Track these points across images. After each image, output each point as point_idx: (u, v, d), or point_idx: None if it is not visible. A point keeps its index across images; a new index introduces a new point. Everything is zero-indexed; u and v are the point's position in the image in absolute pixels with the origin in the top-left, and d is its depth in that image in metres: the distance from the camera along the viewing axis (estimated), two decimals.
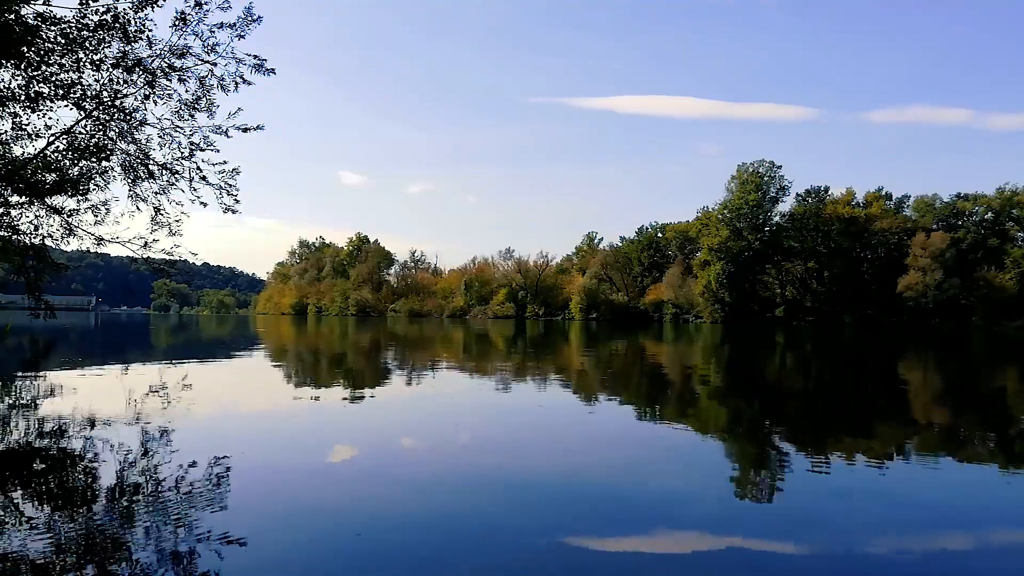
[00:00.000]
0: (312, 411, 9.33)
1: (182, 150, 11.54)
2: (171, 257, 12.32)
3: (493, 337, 36.23)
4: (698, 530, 4.32)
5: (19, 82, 10.28)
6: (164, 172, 11.75)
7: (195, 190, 11.74)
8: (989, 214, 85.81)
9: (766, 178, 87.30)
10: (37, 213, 11.69)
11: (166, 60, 10.89)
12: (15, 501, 4.58)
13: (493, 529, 4.30)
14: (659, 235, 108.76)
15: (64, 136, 11.12)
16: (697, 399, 11.23)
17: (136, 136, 11.53)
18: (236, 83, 11.21)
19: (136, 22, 10.37)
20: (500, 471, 5.87)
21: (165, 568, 3.49)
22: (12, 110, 10.58)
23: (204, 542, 3.83)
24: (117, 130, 11.40)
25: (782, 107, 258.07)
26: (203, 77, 11.14)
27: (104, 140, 11.38)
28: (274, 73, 11.40)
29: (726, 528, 4.36)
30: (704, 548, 4.02)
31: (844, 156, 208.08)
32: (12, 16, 9.62)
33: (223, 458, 5.84)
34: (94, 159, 11.40)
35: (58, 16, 9.99)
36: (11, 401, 9.36)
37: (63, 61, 10.33)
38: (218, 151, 11.71)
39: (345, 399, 10.50)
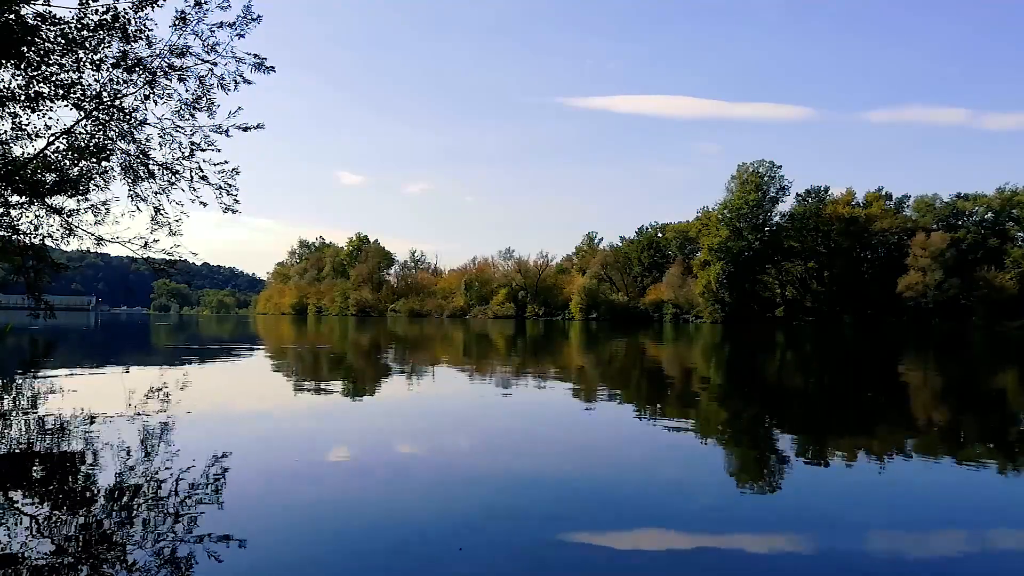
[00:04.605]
0: (312, 411, 9.32)
1: (182, 150, 11.53)
2: (171, 257, 12.30)
3: (493, 337, 36.23)
4: (698, 529, 4.31)
5: (19, 82, 10.27)
6: (164, 172, 11.74)
7: (195, 190, 11.74)
8: (989, 214, 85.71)
9: (766, 178, 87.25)
10: (37, 213, 11.68)
11: (166, 60, 10.89)
12: (15, 501, 4.58)
13: (494, 528, 4.29)
14: (659, 235, 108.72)
15: (64, 136, 11.11)
16: (697, 399, 11.21)
17: (136, 136, 11.52)
18: (236, 82, 11.21)
19: (136, 22, 10.37)
20: (500, 471, 5.86)
21: (165, 568, 3.48)
22: (12, 110, 10.57)
23: (204, 542, 3.82)
24: (117, 130, 11.38)
25: (780, 107, 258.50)
26: (203, 76, 11.14)
27: (104, 140, 11.36)
28: (274, 71, 11.40)
29: (726, 527, 4.35)
30: (704, 547, 4.01)
31: (842, 156, 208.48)
32: (12, 16, 9.61)
33: (223, 459, 5.83)
34: (94, 159, 11.38)
35: (58, 16, 9.98)
36: (11, 401, 9.35)
37: (63, 61, 10.32)
38: (219, 150, 11.69)
39: (345, 399, 10.50)
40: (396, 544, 3.94)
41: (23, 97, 10.35)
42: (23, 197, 11.30)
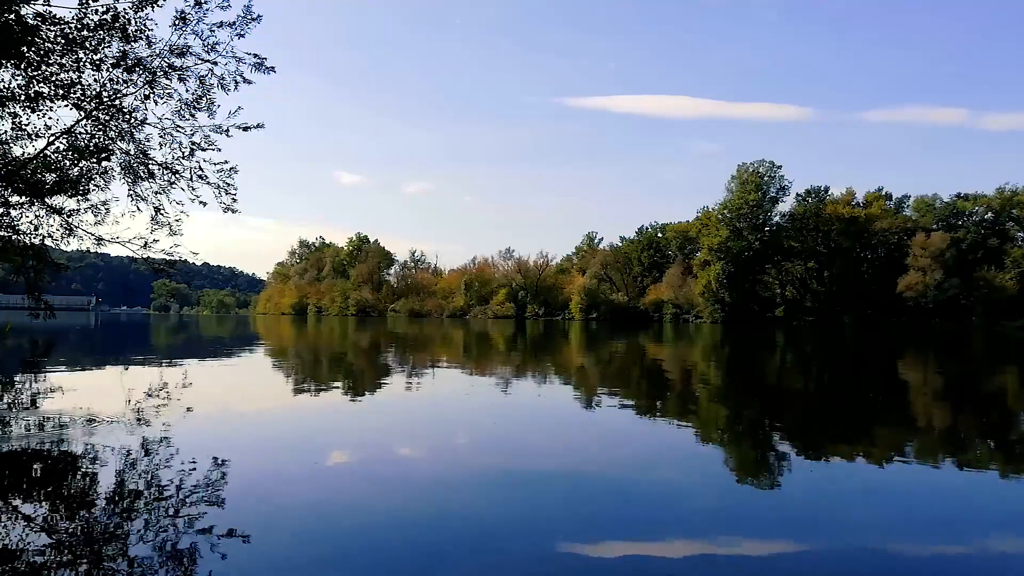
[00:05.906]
0: (312, 412, 9.32)
1: (182, 149, 11.52)
2: (171, 257, 12.28)
3: (493, 337, 36.22)
4: (697, 530, 4.32)
5: (19, 82, 10.26)
6: (164, 172, 11.73)
7: (194, 189, 11.73)
8: (989, 214, 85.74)
9: (766, 178, 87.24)
10: (37, 213, 11.66)
11: (166, 59, 10.88)
12: (16, 502, 4.57)
13: (494, 529, 4.29)
14: (659, 235, 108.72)
15: (64, 136, 11.10)
16: (697, 399, 11.22)
17: (136, 136, 11.51)
18: (236, 82, 11.20)
19: (136, 22, 10.35)
20: (501, 471, 5.86)
21: (167, 568, 3.48)
22: (12, 110, 10.56)
23: (206, 542, 3.83)
24: (117, 130, 11.37)
25: (780, 107, 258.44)
26: (203, 76, 11.12)
27: (104, 140, 11.35)
28: (274, 71, 11.39)
29: (725, 528, 4.36)
30: (703, 548, 4.01)
31: (842, 156, 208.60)
32: (12, 16, 9.61)
33: (223, 459, 5.83)
34: (94, 159, 11.37)
35: (58, 16, 9.97)
36: (11, 401, 9.35)
37: (63, 61, 10.31)
38: (219, 150, 11.67)
39: (346, 400, 10.50)
40: (396, 545, 3.94)
41: (23, 97, 10.34)
42: (23, 197, 11.29)
